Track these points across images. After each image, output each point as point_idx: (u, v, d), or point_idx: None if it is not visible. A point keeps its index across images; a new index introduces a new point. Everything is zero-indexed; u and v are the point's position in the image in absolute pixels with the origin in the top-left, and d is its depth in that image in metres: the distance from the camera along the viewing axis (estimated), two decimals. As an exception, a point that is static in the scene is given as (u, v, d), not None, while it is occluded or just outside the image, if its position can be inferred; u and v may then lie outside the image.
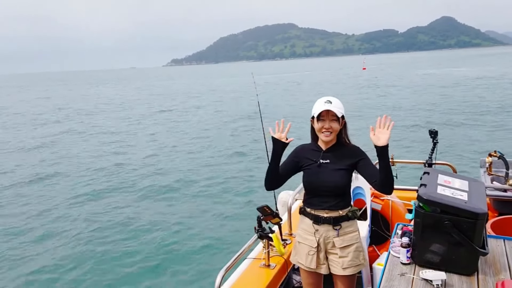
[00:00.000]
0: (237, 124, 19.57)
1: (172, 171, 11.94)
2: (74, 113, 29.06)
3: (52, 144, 16.88)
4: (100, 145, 16.26)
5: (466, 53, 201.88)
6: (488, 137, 14.62)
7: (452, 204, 2.40)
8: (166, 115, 25.37)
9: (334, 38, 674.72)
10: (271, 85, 47.64)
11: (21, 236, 7.82)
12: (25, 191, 10.64)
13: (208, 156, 13.55)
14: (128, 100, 39.06)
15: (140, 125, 21.25)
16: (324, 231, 2.74)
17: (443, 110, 21.41)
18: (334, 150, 2.73)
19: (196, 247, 7.06)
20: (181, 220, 8.26)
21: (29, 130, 21.70)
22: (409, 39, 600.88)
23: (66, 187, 10.76)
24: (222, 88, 49.21)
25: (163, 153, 14.33)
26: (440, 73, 55.56)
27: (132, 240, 7.40)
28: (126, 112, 27.92)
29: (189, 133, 18.11)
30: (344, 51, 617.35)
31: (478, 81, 38.54)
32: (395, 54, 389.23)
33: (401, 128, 16.64)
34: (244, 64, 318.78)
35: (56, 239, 7.60)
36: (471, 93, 29.19)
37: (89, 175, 11.79)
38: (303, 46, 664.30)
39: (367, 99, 28.46)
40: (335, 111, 2.63)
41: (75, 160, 13.80)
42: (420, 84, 38.34)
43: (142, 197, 9.73)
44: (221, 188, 10.21)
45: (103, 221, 8.34)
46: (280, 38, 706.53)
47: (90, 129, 20.29)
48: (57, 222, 8.45)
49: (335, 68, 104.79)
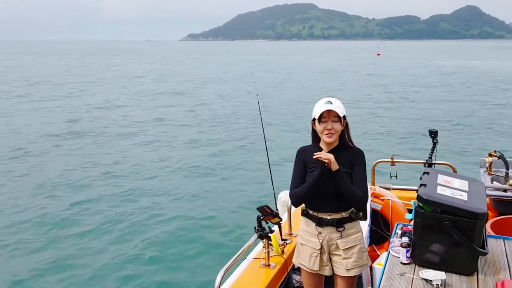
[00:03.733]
0: (239, 124, 19.58)
1: (170, 170, 11.94)
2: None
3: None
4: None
5: (488, 45, 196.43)
6: (488, 137, 14.63)
7: (452, 204, 2.40)
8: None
9: (354, 21, 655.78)
10: (268, 71, 46.67)
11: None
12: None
13: (206, 155, 13.54)
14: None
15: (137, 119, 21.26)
16: (328, 233, 2.74)
17: (444, 109, 21.41)
18: (337, 152, 2.69)
19: (196, 247, 7.06)
20: (181, 220, 8.26)
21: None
22: (431, 26, 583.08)
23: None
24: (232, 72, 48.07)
25: (161, 152, 14.33)
26: (453, 65, 54.41)
27: (132, 240, 7.39)
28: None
29: (188, 129, 18.09)
30: (363, 35, 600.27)
31: (489, 76, 38.09)
32: (415, 42, 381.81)
33: (401, 128, 16.65)
34: (260, 43, 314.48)
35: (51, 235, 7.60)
36: (477, 89, 29.05)
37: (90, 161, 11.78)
38: (322, 27, 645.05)
39: (369, 93, 28.27)
40: (337, 111, 2.60)
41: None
42: (428, 78, 37.90)
43: (142, 197, 9.72)
44: (221, 188, 10.21)
45: (102, 220, 8.33)
46: (299, 18, 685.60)
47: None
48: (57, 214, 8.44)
49: (350, 53, 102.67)
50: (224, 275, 2.70)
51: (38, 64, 56.10)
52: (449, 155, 11.57)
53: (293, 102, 25.36)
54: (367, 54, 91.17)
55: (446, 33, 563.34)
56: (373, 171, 4.96)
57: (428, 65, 55.41)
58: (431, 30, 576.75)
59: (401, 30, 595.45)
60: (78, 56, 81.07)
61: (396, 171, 4.80)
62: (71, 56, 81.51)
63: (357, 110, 21.76)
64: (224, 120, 20.71)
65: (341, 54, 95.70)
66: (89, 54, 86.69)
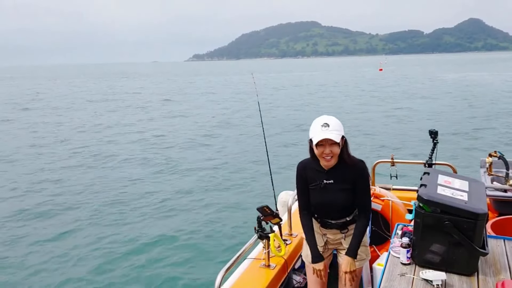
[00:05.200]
0: (239, 124, 19.59)
1: (170, 169, 11.94)
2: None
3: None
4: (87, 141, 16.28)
5: (492, 57, 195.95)
6: (488, 137, 14.62)
7: (452, 205, 2.40)
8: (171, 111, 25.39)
9: (357, 37, 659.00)
10: (271, 87, 47.37)
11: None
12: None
13: (207, 157, 13.55)
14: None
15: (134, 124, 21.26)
16: (332, 234, 2.86)
17: (445, 109, 21.42)
18: (337, 170, 2.68)
19: (196, 247, 7.06)
20: (181, 220, 8.26)
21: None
22: (434, 40, 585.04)
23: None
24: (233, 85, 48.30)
25: (160, 152, 14.33)
26: (456, 77, 54.41)
27: (131, 240, 7.39)
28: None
29: (189, 132, 18.10)
30: (367, 50, 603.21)
31: (491, 86, 38.10)
32: (419, 56, 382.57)
33: (401, 128, 16.66)
34: (265, 62, 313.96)
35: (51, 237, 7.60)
36: (477, 94, 29.06)
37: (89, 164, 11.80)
38: (326, 44, 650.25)
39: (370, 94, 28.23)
40: (333, 138, 2.53)
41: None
42: (432, 90, 37.86)
43: (141, 196, 9.73)
44: (221, 188, 10.21)
45: (101, 220, 8.33)
46: (302, 36, 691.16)
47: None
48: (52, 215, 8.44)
49: (352, 68, 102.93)
50: (224, 275, 2.70)
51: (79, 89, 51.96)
52: (449, 155, 11.57)
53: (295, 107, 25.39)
54: (371, 69, 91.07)
55: (450, 46, 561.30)
56: (373, 171, 4.95)
57: (430, 77, 55.46)
58: (434, 43, 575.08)
59: (404, 45, 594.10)
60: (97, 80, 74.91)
61: (396, 172, 4.80)
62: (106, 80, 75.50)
63: (358, 110, 21.76)
64: (224, 120, 20.73)
65: (347, 69, 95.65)
66: (100, 78, 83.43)
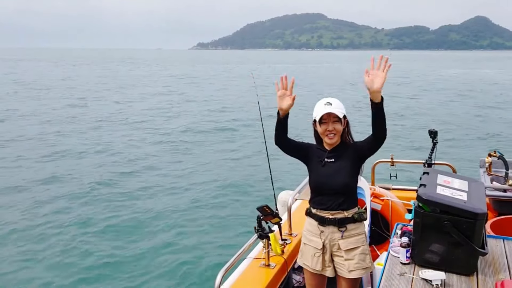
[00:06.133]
0: (237, 122, 19.57)
1: (170, 170, 11.93)
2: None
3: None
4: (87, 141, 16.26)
5: (497, 55, 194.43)
6: (488, 138, 14.62)
7: (451, 204, 2.40)
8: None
9: (363, 31, 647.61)
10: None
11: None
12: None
13: (206, 156, 13.53)
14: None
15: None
16: (329, 232, 2.75)
17: (445, 110, 21.41)
18: (339, 150, 2.76)
19: (196, 247, 7.06)
20: (181, 220, 8.25)
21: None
22: (440, 37, 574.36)
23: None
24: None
25: (159, 152, 14.32)
26: (459, 73, 54.32)
27: (131, 240, 7.39)
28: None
29: (187, 129, 18.06)
30: (372, 45, 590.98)
31: (492, 85, 38.09)
32: (424, 52, 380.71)
33: (401, 128, 16.65)
34: (268, 52, 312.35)
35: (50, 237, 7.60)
36: (478, 92, 29.03)
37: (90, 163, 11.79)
38: (331, 37, 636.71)
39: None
40: (336, 113, 2.64)
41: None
42: (432, 83, 37.82)
43: (140, 196, 9.72)
44: (221, 188, 10.19)
45: (101, 220, 8.32)
46: (308, 28, 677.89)
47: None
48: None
49: (356, 62, 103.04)
50: (224, 275, 2.70)
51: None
52: (449, 155, 11.56)
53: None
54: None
55: (456, 43, 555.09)
56: (373, 171, 4.96)
57: (433, 73, 55.32)
58: (440, 40, 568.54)
59: (410, 40, 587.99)
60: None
61: (396, 171, 4.81)
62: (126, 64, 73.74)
63: (358, 111, 21.76)
64: (224, 122, 20.70)
65: (351, 62, 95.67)
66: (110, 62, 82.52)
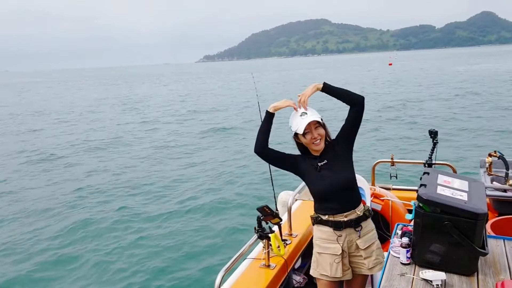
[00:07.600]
0: (237, 122, 19.60)
1: (170, 170, 11.94)
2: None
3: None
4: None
5: (506, 50, 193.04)
6: (488, 137, 14.60)
7: (452, 204, 2.39)
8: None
9: (368, 33, 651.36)
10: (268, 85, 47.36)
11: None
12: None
13: (206, 156, 13.54)
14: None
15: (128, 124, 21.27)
16: (347, 234, 2.76)
17: (445, 110, 21.39)
18: (326, 151, 2.80)
19: (196, 247, 7.06)
20: (181, 220, 8.26)
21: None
22: (446, 34, 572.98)
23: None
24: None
25: (158, 151, 14.33)
26: (465, 70, 54.15)
27: (132, 240, 7.40)
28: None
29: (187, 134, 18.10)
30: (378, 47, 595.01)
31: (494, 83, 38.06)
32: (431, 51, 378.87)
33: (401, 128, 16.64)
34: (274, 60, 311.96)
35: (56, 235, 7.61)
36: (481, 90, 28.99)
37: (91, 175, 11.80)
38: (336, 42, 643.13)
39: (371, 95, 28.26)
40: (316, 119, 2.68)
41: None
42: (437, 82, 37.70)
43: (140, 196, 9.73)
44: (221, 187, 10.21)
45: (101, 220, 8.33)
46: (312, 34, 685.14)
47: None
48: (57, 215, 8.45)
49: (363, 64, 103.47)
50: (224, 275, 2.70)
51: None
52: (449, 155, 11.56)
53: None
54: (379, 65, 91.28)
55: (463, 40, 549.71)
56: (373, 171, 4.95)
57: (438, 71, 55.25)
58: (447, 38, 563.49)
59: (416, 40, 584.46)
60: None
61: (396, 171, 4.80)
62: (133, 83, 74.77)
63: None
64: (224, 122, 20.72)
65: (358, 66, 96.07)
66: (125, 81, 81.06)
